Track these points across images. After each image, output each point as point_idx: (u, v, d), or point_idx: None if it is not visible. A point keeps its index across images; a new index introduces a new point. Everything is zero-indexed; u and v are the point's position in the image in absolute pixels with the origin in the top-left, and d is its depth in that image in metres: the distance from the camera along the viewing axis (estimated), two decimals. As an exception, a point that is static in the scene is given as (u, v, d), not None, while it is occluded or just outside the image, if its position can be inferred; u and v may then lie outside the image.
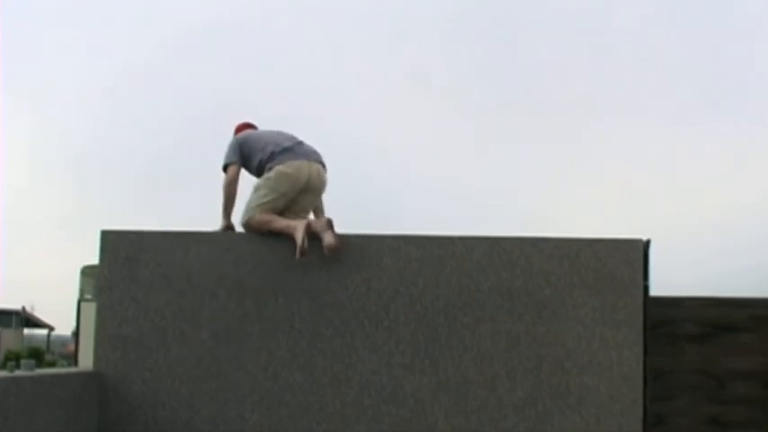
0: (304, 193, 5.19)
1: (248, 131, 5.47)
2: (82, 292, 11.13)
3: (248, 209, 5.07)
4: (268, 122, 5.59)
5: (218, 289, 4.84)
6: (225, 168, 5.26)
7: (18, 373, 4.22)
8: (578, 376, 4.66)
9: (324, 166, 5.30)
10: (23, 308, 34.09)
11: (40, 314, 35.85)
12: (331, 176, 5.40)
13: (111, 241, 4.92)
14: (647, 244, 4.78)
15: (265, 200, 5.05)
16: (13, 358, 15.25)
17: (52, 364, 19.86)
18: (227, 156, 5.29)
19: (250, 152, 5.26)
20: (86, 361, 6.06)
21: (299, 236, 4.80)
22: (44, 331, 35.93)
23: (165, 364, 4.79)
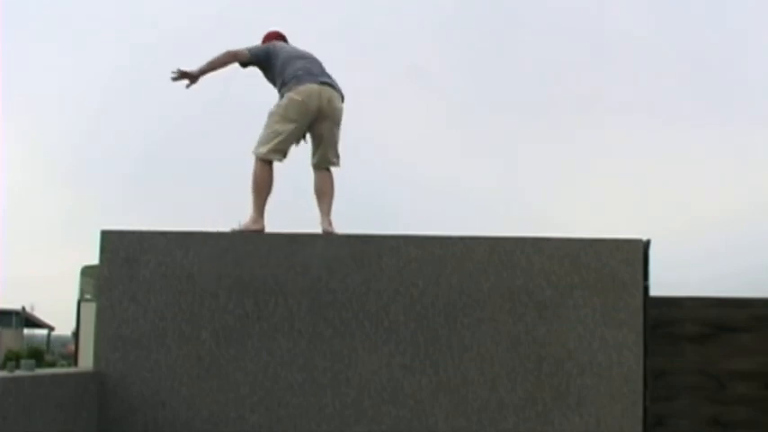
0: (320, 122, 5.36)
1: (280, 44, 5.60)
2: (82, 292, 11.09)
3: (260, 138, 5.32)
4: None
5: (218, 289, 4.84)
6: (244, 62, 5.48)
7: (18, 373, 4.21)
8: (579, 377, 4.66)
9: (338, 91, 5.43)
10: (23, 308, 34.12)
11: (39, 314, 35.90)
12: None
13: (111, 241, 4.92)
14: (647, 244, 4.77)
15: (276, 127, 5.29)
16: (13, 358, 15.24)
17: (52, 365, 19.86)
18: (253, 48, 5.50)
19: (277, 68, 5.44)
20: (86, 361, 6.05)
21: (256, 224, 5.19)
22: (44, 331, 35.95)
23: (165, 364, 4.79)
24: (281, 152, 5.36)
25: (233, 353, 4.78)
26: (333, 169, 5.53)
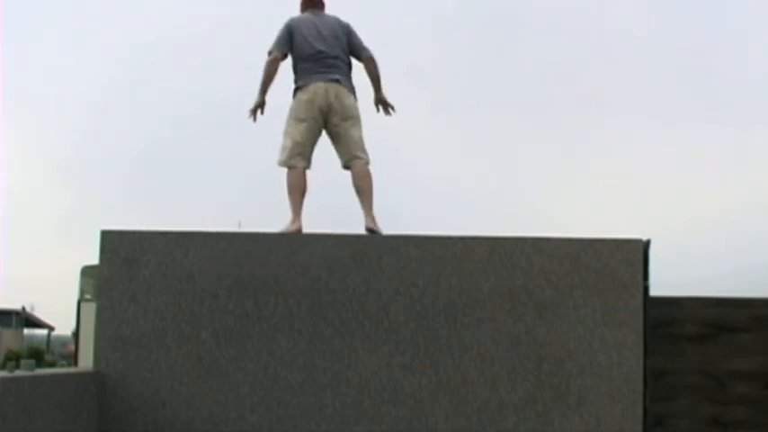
0: (331, 119, 5.46)
1: (299, 22, 5.65)
2: (82, 292, 11.12)
3: (280, 146, 5.47)
4: (267, 123, 5.63)
5: (218, 289, 4.84)
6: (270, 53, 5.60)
7: (18, 373, 4.21)
8: (579, 377, 4.66)
9: (347, 87, 5.51)
10: (23, 308, 34.09)
11: (39, 314, 35.88)
12: (330, 177, 5.42)
13: (111, 241, 4.92)
14: (647, 244, 4.77)
15: (289, 130, 5.44)
16: (13, 358, 15.24)
17: (52, 365, 19.86)
18: (274, 42, 5.59)
19: (292, 60, 5.58)
20: (86, 361, 6.06)
21: (293, 225, 5.24)
22: (44, 331, 35.93)
23: (165, 364, 4.79)
24: (301, 155, 5.43)
25: (233, 353, 4.78)
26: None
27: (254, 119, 5.62)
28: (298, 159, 5.42)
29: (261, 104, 5.61)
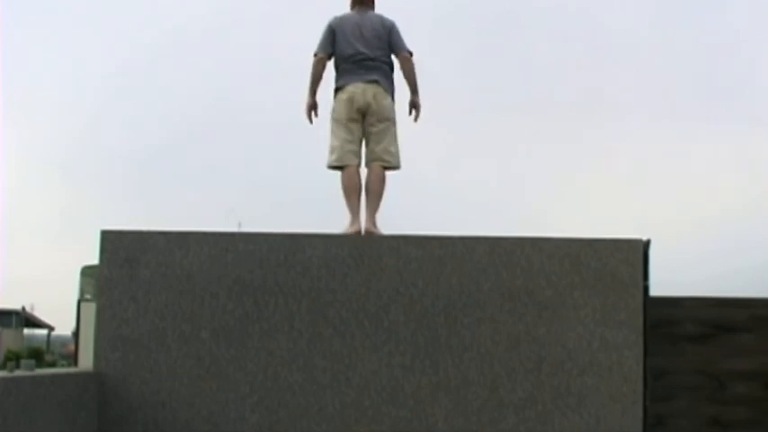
0: (367, 119, 5.48)
1: (341, 22, 5.64)
2: (82, 292, 11.12)
3: (329, 149, 5.50)
4: (267, 124, 5.63)
5: (218, 289, 4.84)
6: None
7: (18, 373, 4.21)
8: (579, 377, 4.66)
9: (386, 88, 5.52)
10: (23, 308, 34.07)
11: (39, 314, 35.84)
12: (329, 178, 5.43)
13: (111, 241, 4.92)
14: (647, 244, 4.78)
15: (334, 130, 5.47)
16: (13, 358, 15.24)
17: (52, 365, 19.86)
18: (318, 43, 5.63)
19: (337, 45, 5.59)
20: (86, 361, 6.06)
21: (352, 227, 5.21)
22: (44, 331, 35.91)
23: (165, 364, 4.79)
24: (351, 152, 5.44)
25: (233, 353, 4.78)
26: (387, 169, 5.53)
27: (311, 120, 5.64)
28: (349, 157, 5.43)
29: (313, 105, 5.64)
